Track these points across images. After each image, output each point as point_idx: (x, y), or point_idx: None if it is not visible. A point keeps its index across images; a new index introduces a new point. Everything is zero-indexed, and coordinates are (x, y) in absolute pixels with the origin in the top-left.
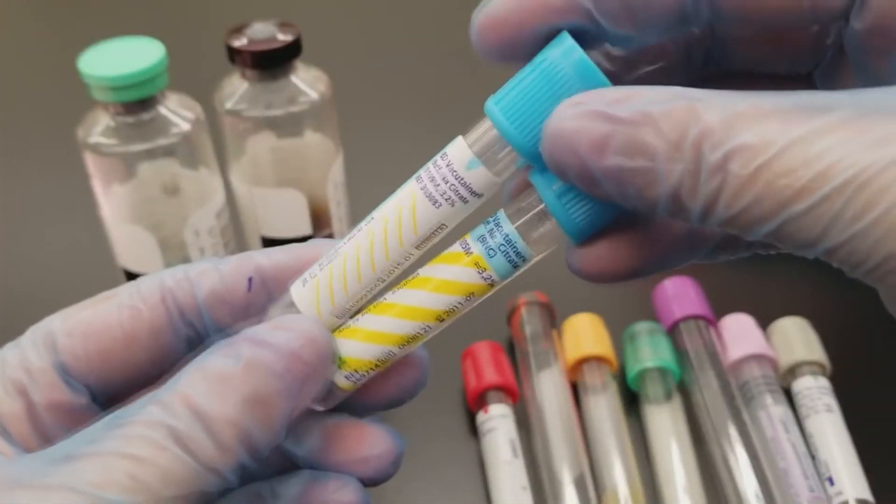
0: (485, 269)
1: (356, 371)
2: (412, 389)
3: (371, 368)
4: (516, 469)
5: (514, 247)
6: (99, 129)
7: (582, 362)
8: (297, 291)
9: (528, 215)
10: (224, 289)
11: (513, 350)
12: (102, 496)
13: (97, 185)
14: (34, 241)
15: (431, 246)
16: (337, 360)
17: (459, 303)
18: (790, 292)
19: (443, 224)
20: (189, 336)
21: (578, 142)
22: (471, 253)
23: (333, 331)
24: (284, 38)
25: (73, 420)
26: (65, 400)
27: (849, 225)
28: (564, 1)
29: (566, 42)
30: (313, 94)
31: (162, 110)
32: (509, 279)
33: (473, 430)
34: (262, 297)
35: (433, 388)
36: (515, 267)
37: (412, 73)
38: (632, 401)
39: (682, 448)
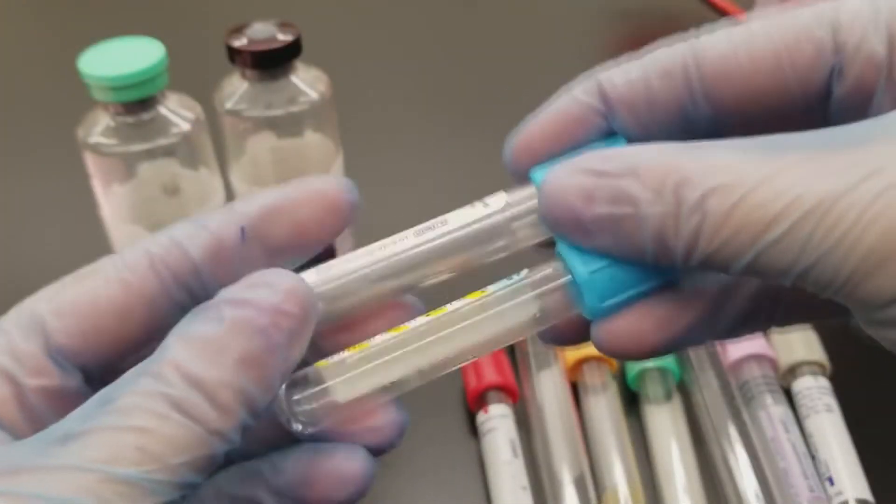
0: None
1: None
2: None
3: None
4: (516, 469)
5: (520, 274)
6: (99, 129)
7: (582, 362)
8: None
9: (552, 284)
10: (218, 244)
11: (513, 350)
12: (113, 471)
13: (97, 185)
14: (34, 240)
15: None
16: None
17: (450, 304)
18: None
19: (445, 220)
20: (183, 302)
21: (569, 195)
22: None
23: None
24: (284, 38)
25: (64, 404)
26: (55, 384)
27: (817, 246)
28: (584, 110)
29: (621, 143)
30: (313, 94)
31: (162, 110)
32: (501, 289)
33: (473, 430)
34: (257, 246)
35: (433, 388)
36: (510, 279)
37: (412, 73)
38: (632, 401)
39: (682, 448)
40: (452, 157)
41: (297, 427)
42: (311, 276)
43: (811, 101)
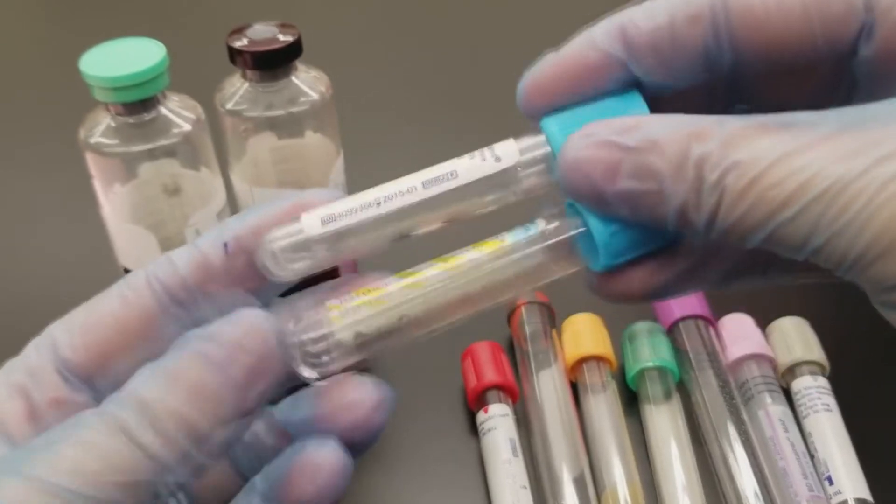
0: (500, 236)
1: (364, 332)
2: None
3: (364, 293)
4: (516, 468)
5: (535, 223)
6: (100, 129)
7: (581, 362)
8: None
9: (566, 235)
10: (203, 258)
11: (513, 350)
12: (47, 481)
13: (98, 185)
14: (35, 240)
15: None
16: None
17: (465, 251)
18: (789, 292)
19: (455, 171)
20: (180, 317)
21: (592, 169)
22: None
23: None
24: (285, 38)
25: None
26: (64, 397)
27: (828, 227)
28: (603, 59)
29: (638, 102)
30: (314, 95)
31: (163, 111)
32: (518, 242)
33: (473, 430)
34: (241, 260)
35: (433, 387)
36: (527, 230)
37: (412, 73)
38: (631, 400)
39: (681, 447)
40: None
41: (310, 374)
42: (316, 222)
43: (837, 56)
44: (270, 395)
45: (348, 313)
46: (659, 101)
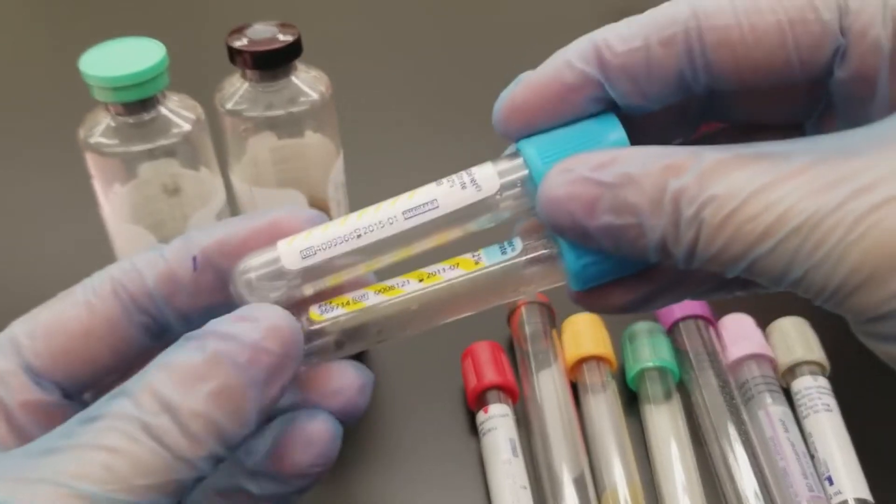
0: (477, 253)
1: (330, 304)
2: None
3: (343, 305)
4: (516, 468)
5: (512, 244)
6: (100, 129)
7: (582, 362)
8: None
9: (538, 252)
10: (170, 272)
11: (513, 350)
12: (78, 487)
13: (98, 185)
14: (35, 240)
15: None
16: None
17: (443, 269)
18: (789, 292)
19: (435, 201)
20: (147, 324)
21: (571, 206)
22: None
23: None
24: (285, 38)
25: (48, 417)
26: (36, 399)
27: (806, 260)
28: (579, 80)
29: (614, 125)
30: (313, 95)
31: (163, 110)
32: (496, 264)
33: (473, 430)
34: (209, 275)
35: (433, 387)
36: (503, 253)
37: (412, 73)
38: (631, 400)
39: (681, 447)
40: (453, 157)
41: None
42: (295, 256)
43: (811, 77)
44: (289, 388)
45: (327, 320)
46: (633, 119)
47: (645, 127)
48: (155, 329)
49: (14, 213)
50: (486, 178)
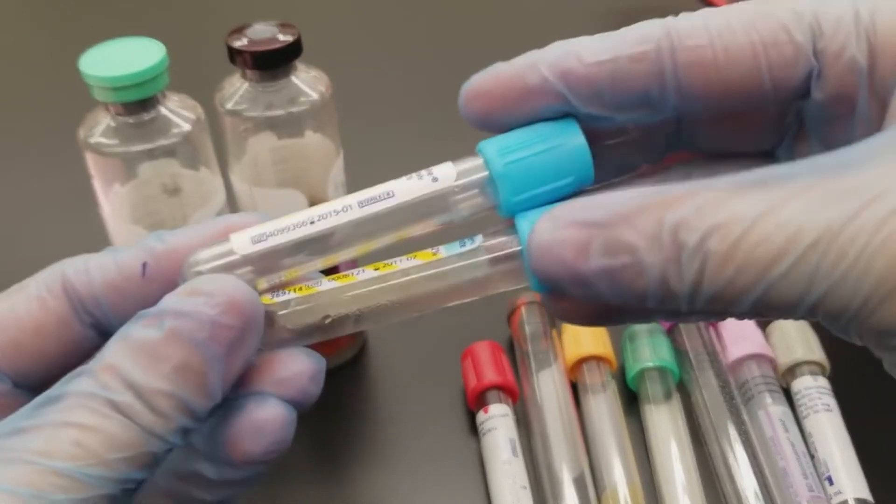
0: (436, 248)
1: (283, 290)
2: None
3: (296, 291)
4: (516, 468)
5: (472, 239)
6: (100, 129)
7: (581, 362)
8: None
9: (502, 252)
10: (120, 278)
11: (513, 350)
12: (50, 464)
13: (98, 185)
14: (35, 240)
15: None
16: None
17: (400, 260)
18: None
19: (391, 191)
20: (95, 325)
21: (562, 251)
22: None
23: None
24: (285, 38)
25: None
26: None
27: (827, 276)
28: (541, 85)
29: (574, 131)
30: (313, 95)
31: (163, 110)
32: (453, 255)
33: (473, 430)
34: (158, 282)
35: (433, 387)
36: (462, 245)
37: (412, 73)
38: (631, 400)
39: (681, 447)
40: (453, 157)
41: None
42: (246, 240)
43: (782, 100)
44: (252, 357)
45: (277, 304)
46: (596, 141)
47: (609, 150)
48: (105, 325)
49: (14, 213)
50: (445, 173)
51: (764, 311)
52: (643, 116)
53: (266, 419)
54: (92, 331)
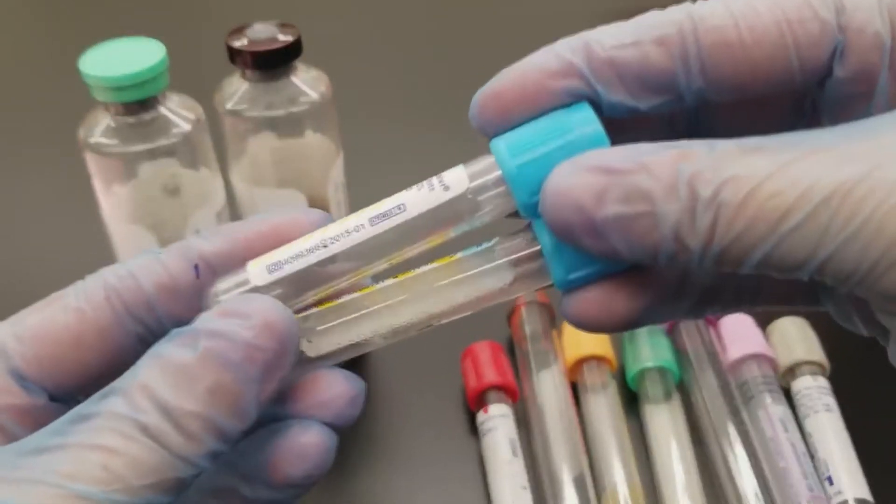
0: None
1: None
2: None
3: (317, 305)
4: (516, 468)
5: (489, 240)
6: (100, 129)
7: (582, 362)
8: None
9: (521, 253)
10: (171, 280)
11: (513, 350)
12: (74, 487)
13: (98, 185)
14: (35, 240)
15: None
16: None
17: (418, 268)
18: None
19: (403, 205)
20: (140, 333)
21: (579, 195)
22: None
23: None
24: (285, 38)
25: (34, 420)
26: (21, 403)
27: (837, 234)
28: (562, 68)
29: (588, 114)
30: (314, 95)
31: (163, 110)
32: (471, 254)
33: (473, 430)
34: (211, 283)
35: (433, 387)
36: (479, 245)
37: (412, 73)
38: (631, 400)
39: (681, 448)
40: (453, 157)
41: None
42: (262, 270)
43: (808, 80)
44: (287, 381)
45: (302, 319)
46: (614, 125)
47: (627, 137)
48: (149, 338)
49: (14, 213)
50: (456, 178)
51: (772, 270)
52: (666, 103)
53: (309, 444)
54: (135, 342)
